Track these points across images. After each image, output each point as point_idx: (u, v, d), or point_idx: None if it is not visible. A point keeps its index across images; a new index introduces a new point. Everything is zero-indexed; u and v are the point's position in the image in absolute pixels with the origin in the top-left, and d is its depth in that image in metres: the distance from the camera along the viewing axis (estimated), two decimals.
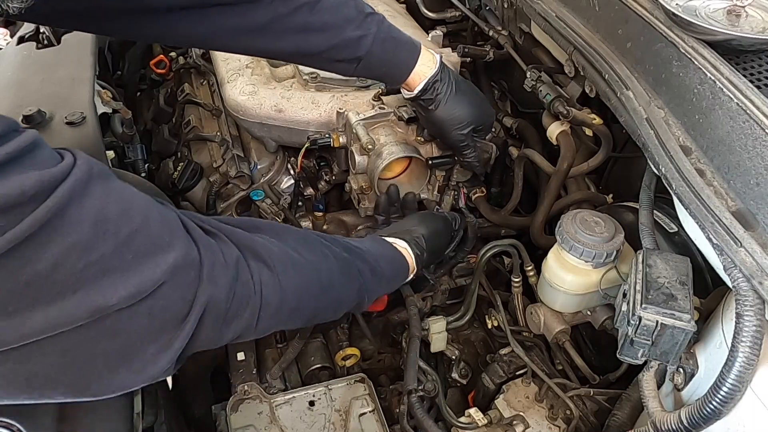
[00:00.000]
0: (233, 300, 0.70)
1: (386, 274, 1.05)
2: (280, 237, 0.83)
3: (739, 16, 0.99)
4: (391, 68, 1.15)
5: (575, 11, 1.20)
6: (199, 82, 1.80)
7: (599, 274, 1.05)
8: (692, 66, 0.91)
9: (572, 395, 1.14)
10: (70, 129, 1.08)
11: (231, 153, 1.53)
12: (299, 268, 0.82)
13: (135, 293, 0.59)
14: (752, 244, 0.72)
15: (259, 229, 0.82)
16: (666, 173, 0.85)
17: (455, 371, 1.32)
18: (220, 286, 0.68)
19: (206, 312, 0.67)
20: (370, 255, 1.00)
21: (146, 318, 0.61)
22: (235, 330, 0.73)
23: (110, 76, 1.89)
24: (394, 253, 1.08)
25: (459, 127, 1.20)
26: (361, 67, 1.12)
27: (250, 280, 0.73)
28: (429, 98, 1.17)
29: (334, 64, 1.13)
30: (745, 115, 0.81)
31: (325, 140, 1.31)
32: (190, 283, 0.65)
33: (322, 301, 0.89)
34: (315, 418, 1.15)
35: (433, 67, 1.16)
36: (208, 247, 0.69)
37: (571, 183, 1.38)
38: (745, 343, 0.70)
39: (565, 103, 1.23)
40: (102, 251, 0.56)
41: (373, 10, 1.12)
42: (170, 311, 0.64)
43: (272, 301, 0.76)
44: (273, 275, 0.76)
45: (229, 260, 0.71)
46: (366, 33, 1.08)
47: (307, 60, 1.17)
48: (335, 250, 0.92)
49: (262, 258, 0.76)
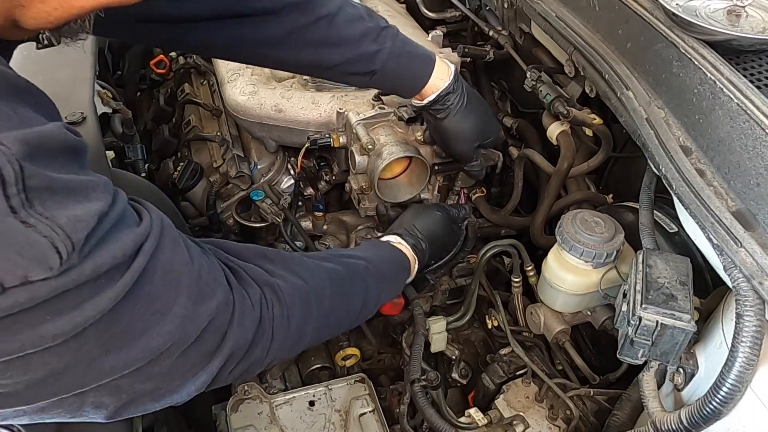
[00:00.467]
0: (253, 339, 0.73)
1: (389, 277, 1.05)
2: (286, 264, 0.83)
3: (739, 16, 0.98)
4: (405, 82, 1.14)
5: (575, 11, 1.20)
6: (199, 82, 1.80)
7: (599, 274, 1.05)
8: (692, 66, 0.91)
9: (572, 395, 1.14)
10: None
11: (231, 153, 1.53)
12: (304, 296, 0.82)
13: (184, 339, 0.63)
14: (752, 244, 0.72)
15: (267, 258, 0.82)
16: (666, 173, 0.85)
17: (455, 371, 1.32)
18: (246, 328, 0.71)
19: (232, 354, 0.70)
20: (372, 263, 0.99)
21: (183, 361, 0.64)
22: (246, 366, 0.74)
23: (110, 76, 1.89)
24: (391, 252, 1.08)
25: (465, 140, 1.19)
26: (375, 80, 1.12)
27: (267, 319, 0.75)
28: (439, 108, 1.16)
29: (348, 77, 1.13)
30: (745, 115, 0.81)
31: (325, 140, 1.31)
32: (222, 327, 0.68)
33: (324, 326, 0.89)
34: (315, 418, 1.15)
35: (447, 79, 1.14)
36: (239, 291, 0.71)
37: (571, 183, 1.38)
38: (745, 343, 0.70)
39: (565, 103, 1.23)
40: (166, 300, 0.61)
41: (387, 23, 1.11)
42: (202, 351, 0.66)
43: (279, 336, 0.77)
44: (283, 310, 0.77)
45: (254, 302, 0.73)
46: (381, 47, 1.07)
47: (322, 73, 1.17)
48: (339, 270, 0.92)
49: (276, 293, 0.77)
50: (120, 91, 1.75)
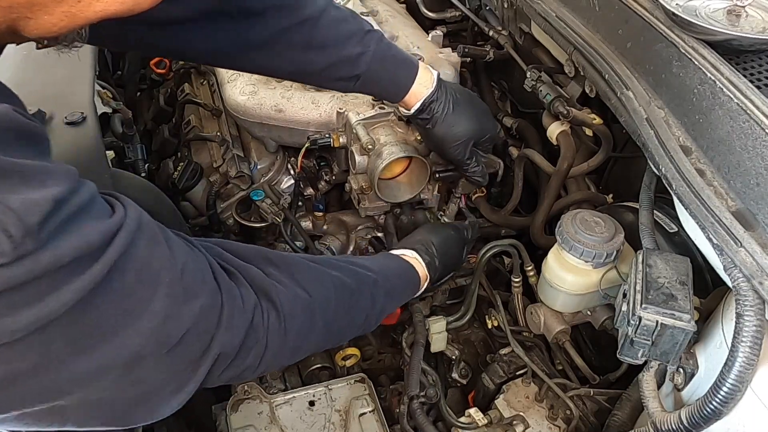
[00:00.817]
0: (244, 345, 0.70)
1: (398, 290, 1.04)
2: (290, 272, 0.81)
3: (739, 16, 0.98)
4: (389, 86, 1.13)
5: (575, 11, 1.20)
6: (199, 82, 1.80)
7: (599, 274, 1.05)
8: (692, 66, 0.91)
9: (572, 395, 1.14)
10: (70, 129, 1.08)
11: (231, 153, 1.53)
12: (306, 308, 0.80)
13: (166, 340, 0.61)
14: (752, 244, 0.72)
15: (270, 262, 0.80)
16: (666, 173, 0.85)
17: (455, 371, 1.32)
18: (235, 331, 0.69)
19: (220, 356, 0.67)
20: (382, 275, 0.97)
21: (168, 363, 0.62)
22: (237, 372, 0.73)
23: (110, 76, 1.89)
24: (404, 266, 1.07)
25: (457, 144, 1.17)
26: (360, 85, 1.11)
27: (261, 326, 0.73)
28: (426, 118, 1.15)
29: (333, 83, 1.12)
30: (745, 115, 0.81)
31: (325, 140, 1.31)
32: (209, 329, 0.66)
33: (326, 335, 0.87)
34: (315, 418, 1.15)
35: (430, 86, 1.13)
36: (229, 292, 0.69)
37: (571, 183, 1.38)
38: (745, 343, 0.70)
39: (565, 103, 1.23)
40: (141, 297, 0.58)
41: (371, 27, 1.11)
42: (189, 356, 0.64)
43: (274, 345, 0.75)
44: (280, 319, 0.75)
45: (247, 305, 0.71)
46: (365, 50, 1.06)
47: (306, 78, 1.15)
48: (347, 282, 0.89)
49: (272, 300, 0.75)
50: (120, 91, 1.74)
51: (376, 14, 1.62)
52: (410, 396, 1.11)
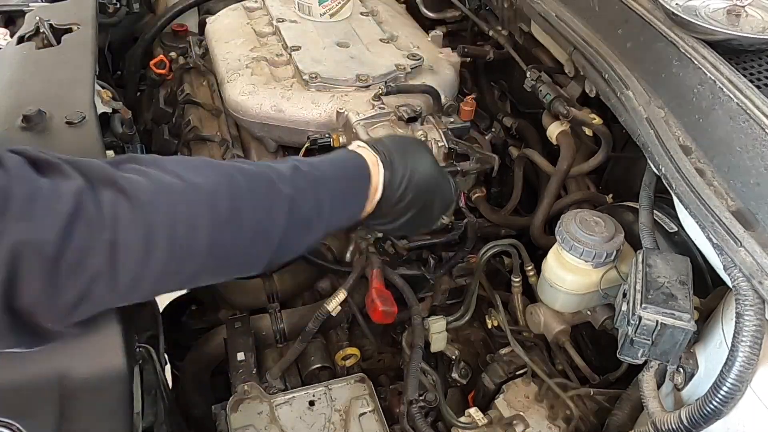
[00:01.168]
0: (71, 243, 0.58)
1: (332, 179, 0.83)
2: (160, 164, 0.68)
3: (739, 16, 0.99)
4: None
5: (575, 11, 1.20)
6: (199, 82, 1.79)
7: (599, 274, 1.05)
8: (692, 66, 0.91)
9: (572, 395, 1.14)
10: (70, 129, 1.08)
11: (231, 153, 1.53)
12: (177, 195, 0.66)
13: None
14: (752, 243, 0.72)
15: (136, 161, 0.68)
16: (666, 173, 0.85)
17: (455, 371, 1.32)
18: (40, 223, 0.57)
19: (23, 256, 0.56)
20: (304, 163, 0.81)
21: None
22: (82, 282, 0.60)
23: (110, 76, 1.89)
24: (339, 152, 0.90)
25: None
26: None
27: (96, 215, 0.60)
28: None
29: None
30: (745, 115, 0.81)
31: (325, 140, 1.31)
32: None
33: (227, 233, 0.70)
34: (315, 418, 1.15)
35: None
36: (20, 177, 0.57)
37: (571, 183, 1.38)
38: (745, 342, 0.70)
39: (565, 103, 1.23)
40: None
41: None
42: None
43: (133, 242, 0.62)
44: (132, 207, 0.62)
45: (61, 192, 0.59)
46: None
47: None
48: (246, 168, 0.74)
49: (120, 189, 0.62)
50: (120, 91, 1.75)
51: (376, 14, 1.62)
52: (408, 401, 1.11)
